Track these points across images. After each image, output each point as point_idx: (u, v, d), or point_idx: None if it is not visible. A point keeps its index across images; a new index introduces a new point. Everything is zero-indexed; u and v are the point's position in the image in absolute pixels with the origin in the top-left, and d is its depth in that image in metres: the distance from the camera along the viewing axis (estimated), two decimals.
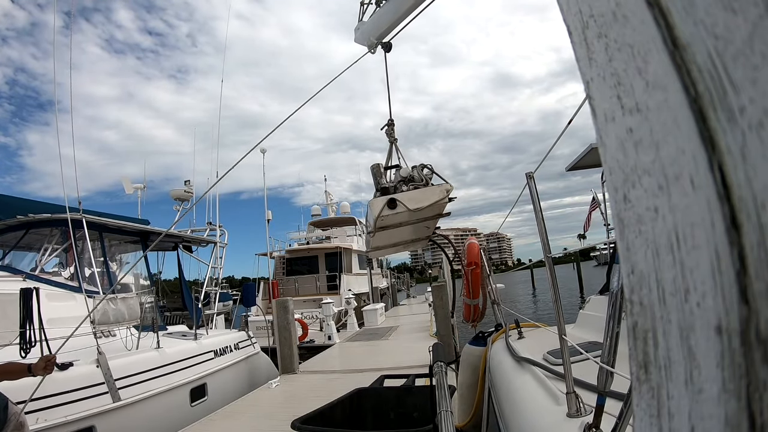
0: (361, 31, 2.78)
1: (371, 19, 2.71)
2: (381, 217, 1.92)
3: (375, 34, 2.66)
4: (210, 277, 7.62)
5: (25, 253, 5.55)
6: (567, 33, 0.31)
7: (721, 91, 0.19)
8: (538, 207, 1.50)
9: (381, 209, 1.93)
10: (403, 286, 28.39)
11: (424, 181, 2.08)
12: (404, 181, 2.09)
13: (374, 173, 2.23)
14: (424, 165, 2.17)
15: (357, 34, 2.83)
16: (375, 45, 2.70)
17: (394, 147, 2.63)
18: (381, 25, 2.66)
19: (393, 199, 1.93)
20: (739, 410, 0.18)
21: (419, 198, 1.95)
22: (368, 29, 2.70)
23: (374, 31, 2.66)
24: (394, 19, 2.60)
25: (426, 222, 2.05)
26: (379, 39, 2.69)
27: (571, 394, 1.21)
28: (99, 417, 3.44)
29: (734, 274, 0.18)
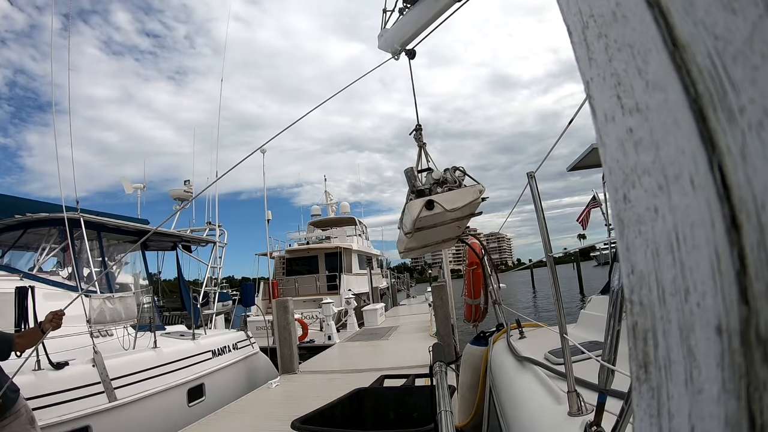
0: (384, 38, 2.82)
1: (394, 27, 2.73)
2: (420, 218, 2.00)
3: (399, 41, 2.70)
4: (209, 276, 7.61)
5: (23, 253, 5.54)
6: (567, 33, 0.31)
7: (721, 91, 0.19)
8: (539, 206, 1.50)
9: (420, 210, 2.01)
10: (403, 286, 28.39)
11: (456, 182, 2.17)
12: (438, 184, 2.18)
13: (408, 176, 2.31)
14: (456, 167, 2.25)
15: (380, 41, 2.87)
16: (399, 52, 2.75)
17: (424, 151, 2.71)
18: (404, 33, 2.70)
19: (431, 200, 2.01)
20: (739, 410, 0.18)
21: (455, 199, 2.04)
22: (392, 37, 2.74)
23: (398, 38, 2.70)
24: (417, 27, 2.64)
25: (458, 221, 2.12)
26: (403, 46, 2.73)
27: (572, 393, 1.21)
28: (95, 417, 3.43)
29: (734, 274, 0.18)
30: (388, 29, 2.79)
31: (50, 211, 4.79)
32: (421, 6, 2.53)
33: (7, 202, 5.04)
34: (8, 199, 5.24)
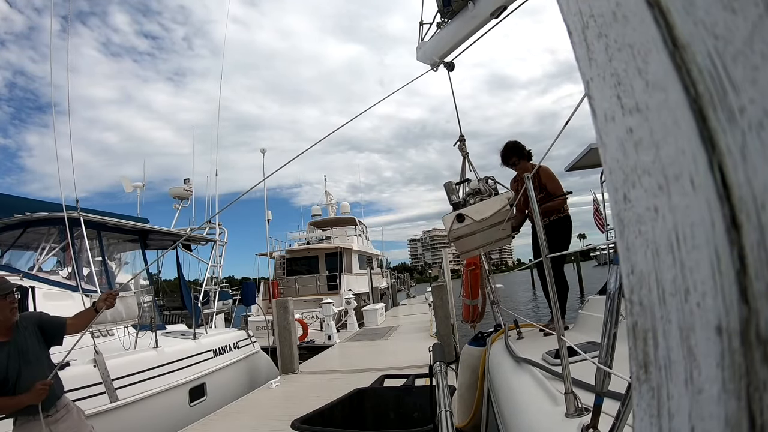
0: (422, 50, 2.90)
1: (432, 40, 2.80)
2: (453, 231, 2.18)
3: (437, 54, 2.78)
4: (210, 275, 7.62)
5: (23, 252, 5.54)
6: (567, 33, 0.31)
7: (721, 91, 0.19)
8: (536, 207, 1.50)
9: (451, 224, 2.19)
10: (403, 286, 28.40)
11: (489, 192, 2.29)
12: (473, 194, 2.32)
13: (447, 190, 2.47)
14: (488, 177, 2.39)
15: (419, 53, 2.95)
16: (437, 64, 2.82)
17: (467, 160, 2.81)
18: (443, 46, 2.77)
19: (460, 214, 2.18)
20: (739, 410, 0.18)
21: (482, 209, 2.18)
22: (430, 49, 2.81)
23: (436, 51, 2.77)
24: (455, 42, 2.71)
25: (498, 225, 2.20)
26: (441, 58, 2.80)
27: (569, 395, 1.21)
28: (96, 417, 3.43)
29: (734, 274, 0.18)
30: (426, 42, 2.87)
31: (50, 211, 4.79)
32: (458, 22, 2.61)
33: (6, 202, 5.04)
34: (8, 198, 5.24)
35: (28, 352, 2.07)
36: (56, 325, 2.24)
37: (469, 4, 2.49)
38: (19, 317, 2.12)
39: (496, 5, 2.38)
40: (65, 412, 2.19)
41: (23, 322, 2.13)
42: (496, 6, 2.39)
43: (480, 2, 2.44)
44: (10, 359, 1.99)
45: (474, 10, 2.47)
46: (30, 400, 1.99)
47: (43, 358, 2.16)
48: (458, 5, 2.55)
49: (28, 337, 2.10)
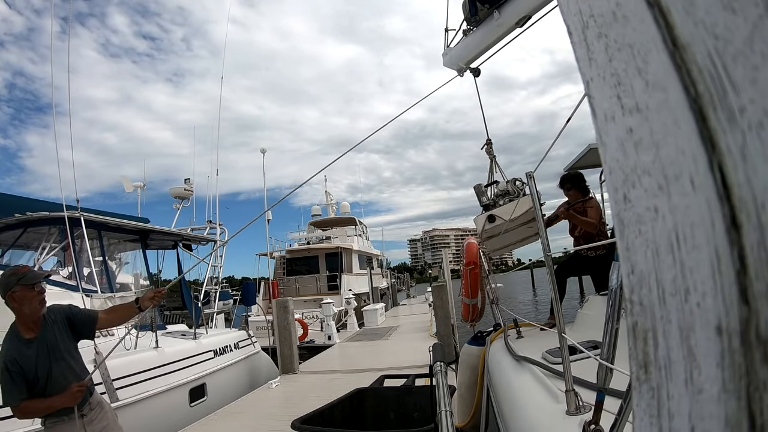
0: (449, 56, 2.97)
1: (458, 47, 2.87)
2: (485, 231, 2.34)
3: (463, 60, 2.85)
4: (210, 276, 7.62)
5: (23, 252, 5.54)
6: (567, 33, 0.31)
7: (721, 91, 0.19)
8: (538, 206, 1.50)
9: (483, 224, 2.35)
10: (403, 286, 28.40)
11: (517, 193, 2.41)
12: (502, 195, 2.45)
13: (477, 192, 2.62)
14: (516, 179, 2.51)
15: (445, 59, 3.02)
16: (464, 70, 2.90)
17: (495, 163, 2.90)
18: (469, 53, 2.84)
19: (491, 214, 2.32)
20: (739, 410, 0.18)
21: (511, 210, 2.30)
22: (456, 55, 2.89)
23: (462, 57, 2.85)
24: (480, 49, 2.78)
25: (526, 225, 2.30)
26: (467, 64, 2.88)
27: (570, 392, 1.21)
28: None
29: (734, 274, 0.18)
30: (452, 48, 2.94)
31: (50, 210, 4.79)
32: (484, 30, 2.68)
33: (6, 201, 5.04)
34: (8, 198, 5.24)
35: (58, 348, 1.90)
36: (87, 319, 2.05)
37: (494, 13, 2.56)
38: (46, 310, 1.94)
39: (521, 14, 2.45)
40: (99, 410, 2.04)
41: (51, 314, 1.94)
42: (521, 15, 2.46)
43: (505, 11, 2.51)
44: (39, 357, 1.83)
45: (500, 18, 2.54)
46: (64, 403, 1.83)
47: (73, 353, 1.99)
48: (484, 14, 2.62)
49: (57, 332, 1.92)
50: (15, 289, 1.80)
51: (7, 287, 1.81)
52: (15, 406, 1.77)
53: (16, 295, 1.80)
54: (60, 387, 1.85)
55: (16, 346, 1.82)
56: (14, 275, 1.85)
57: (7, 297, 1.81)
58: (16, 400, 1.76)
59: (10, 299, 1.81)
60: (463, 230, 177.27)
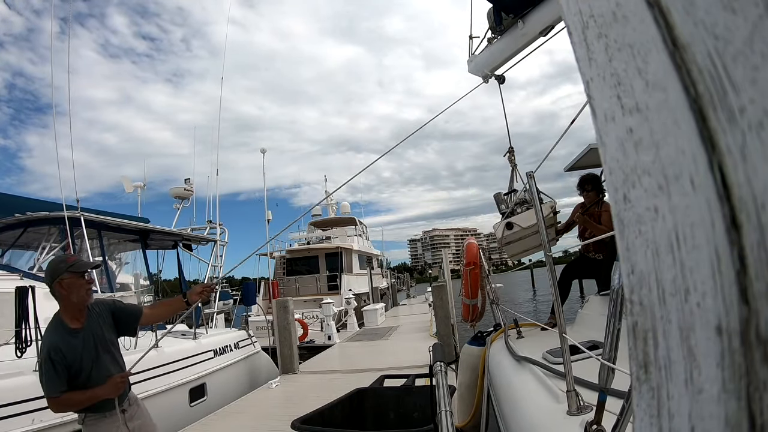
0: (474, 63, 3.06)
1: (483, 54, 2.95)
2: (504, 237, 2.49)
3: (488, 67, 2.93)
4: (210, 276, 7.62)
5: (23, 252, 5.54)
6: (567, 33, 0.31)
7: (721, 91, 0.19)
8: (538, 206, 1.50)
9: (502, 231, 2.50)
10: (403, 286, 28.40)
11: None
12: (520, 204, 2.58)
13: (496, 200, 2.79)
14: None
15: (470, 66, 3.11)
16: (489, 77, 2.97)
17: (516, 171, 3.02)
18: (494, 60, 2.92)
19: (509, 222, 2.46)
20: (739, 410, 0.18)
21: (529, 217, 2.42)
22: (481, 62, 2.98)
23: (487, 65, 2.93)
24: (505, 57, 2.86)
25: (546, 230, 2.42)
26: (492, 71, 2.95)
27: (571, 392, 1.21)
28: None
29: (734, 274, 0.18)
30: (476, 56, 3.03)
31: (50, 210, 4.79)
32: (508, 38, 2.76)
33: (6, 201, 5.04)
34: (8, 197, 5.24)
35: (104, 340, 1.86)
36: (132, 315, 2.01)
37: (519, 23, 2.64)
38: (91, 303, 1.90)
39: (545, 24, 2.53)
40: (136, 407, 2.00)
41: (96, 307, 1.91)
42: (545, 25, 2.53)
43: (529, 21, 2.59)
44: (85, 348, 1.78)
45: (524, 28, 2.62)
46: (107, 394, 1.78)
47: (117, 348, 1.95)
48: (508, 23, 2.71)
49: (102, 325, 1.88)
50: (64, 276, 1.77)
51: (57, 274, 1.77)
52: (55, 397, 1.70)
53: (65, 282, 1.77)
54: (103, 380, 1.80)
55: (60, 335, 1.76)
56: (64, 263, 1.81)
57: (55, 284, 1.77)
58: (57, 391, 1.69)
59: (59, 286, 1.77)
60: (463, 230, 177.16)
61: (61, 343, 1.73)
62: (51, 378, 1.69)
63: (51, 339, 1.75)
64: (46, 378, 1.69)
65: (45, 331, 1.85)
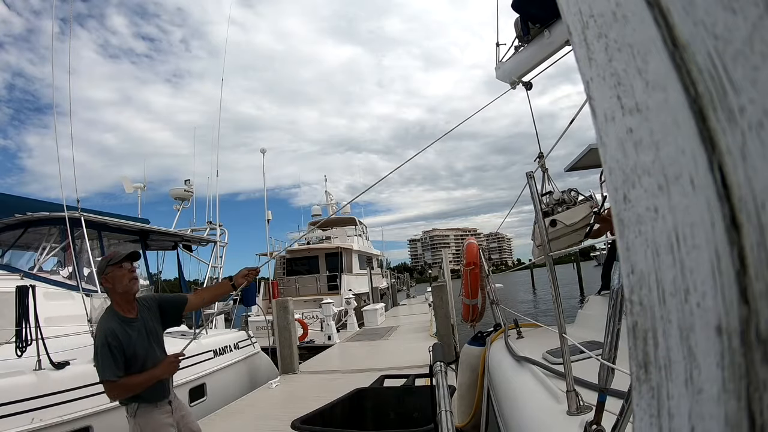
0: (501, 70, 3.18)
1: (510, 62, 3.06)
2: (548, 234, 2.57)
3: (516, 74, 3.04)
4: (210, 276, 7.62)
5: (24, 252, 5.55)
6: (567, 33, 0.31)
7: (721, 91, 0.19)
8: (538, 207, 1.50)
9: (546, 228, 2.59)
10: (403, 286, 28.39)
11: (572, 201, 2.76)
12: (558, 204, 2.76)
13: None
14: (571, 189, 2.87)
15: (498, 73, 3.23)
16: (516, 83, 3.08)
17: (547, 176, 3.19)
18: (521, 68, 3.02)
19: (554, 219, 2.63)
20: (739, 410, 0.18)
21: (572, 216, 2.61)
22: (509, 69, 3.09)
23: (515, 72, 3.04)
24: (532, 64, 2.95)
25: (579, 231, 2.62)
26: (520, 78, 3.05)
27: (571, 392, 1.21)
28: (96, 417, 3.43)
29: (734, 274, 0.18)
30: (504, 63, 3.14)
31: (50, 211, 4.79)
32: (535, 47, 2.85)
33: (7, 202, 5.04)
34: (8, 198, 5.24)
35: (155, 331, 1.99)
36: (177, 305, 2.12)
37: (545, 32, 2.73)
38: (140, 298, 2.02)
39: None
40: (178, 400, 2.08)
41: (145, 301, 2.03)
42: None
43: (555, 31, 2.69)
44: (140, 337, 1.89)
45: (550, 37, 2.71)
46: (162, 374, 1.89)
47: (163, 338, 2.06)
48: (535, 32, 2.82)
49: (151, 317, 2.00)
50: (107, 271, 1.91)
51: (101, 270, 1.94)
52: (113, 381, 1.76)
53: (108, 276, 1.91)
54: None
55: (116, 322, 1.86)
56: (104, 260, 1.99)
57: (102, 279, 1.93)
58: (115, 375, 1.76)
59: (104, 281, 1.92)
60: (463, 230, 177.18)
61: (118, 330, 1.82)
62: (108, 363, 1.76)
63: (107, 325, 1.84)
64: (103, 363, 1.76)
65: (100, 320, 1.96)
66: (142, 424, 1.84)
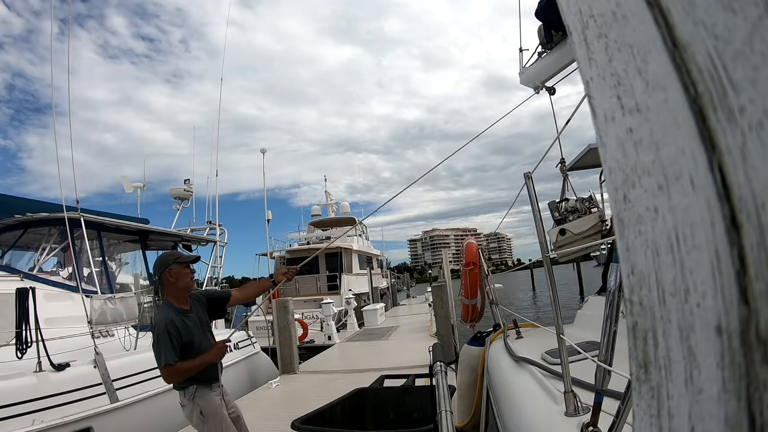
0: (525, 75, 3.26)
1: (534, 68, 3.13)
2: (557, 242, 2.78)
3: (539, 79, 3.12)
4: (210, 276, 7.61)
5: (24, 253, 5.54)
6: (567, 33, 0.31)
7: (721, 91, 0.19)
8: (536, 207, 1.50)
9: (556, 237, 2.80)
10: (403, 286, 28.39)
11: (584, 210, 2.83)
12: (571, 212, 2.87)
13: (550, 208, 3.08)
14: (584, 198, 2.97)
15: (522, 78, 3.31)
16: (540, 88, 3.16)
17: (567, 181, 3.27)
18: (545, 74, 3.08)
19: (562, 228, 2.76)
20: (739, 410, 0.18)
21: (580, 225, 2.73)
22: (532, 74, 3.17)
23: (538, 77, 3.12)
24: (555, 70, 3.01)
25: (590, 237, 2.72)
26: (543, 83, 3.13)
27: (568, 393, 1.21)
28: (97, 418, 3.43)
29: (734, 274, 0.18)
30: (528, 68, 3.21)
31: (50, 211, 4.79)
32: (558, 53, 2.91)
33: (7, 202, 5.04)
34: (8, 199, 5.24)
35: (205, 322, 2.19)
36: (221, 299, 2.35)
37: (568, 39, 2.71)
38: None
39: None
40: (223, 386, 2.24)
41: (195, 296, 2.23)
42: None
43: None
44: (195, 326, 2.09)
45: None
46: (213, 358, 2.08)
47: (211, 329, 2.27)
48: (558, 39, 2.89)
49: (202, 309, 2.21)
50: (172, 267, 2.12)
51: (166, 265, 2.13)
52: (171, 365, 1.94)
53: (173, 271, 2.12)
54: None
55: (174, 313, 2.05)
56: (171, 256, 2.21)
57: (165, 273, 2.11)
58: (173, 360, 1.94)
59: (167, 275, 2.11)
60: (463, 230, 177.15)
61: (176, 320, 2.01)
62: (168, 348, 1.94)
63: (166, 315, 2.02)
64: (163, 348, 1.94)
65: (158, 311, 2.18)
66: (202, 404, 2.02)
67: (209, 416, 2.01)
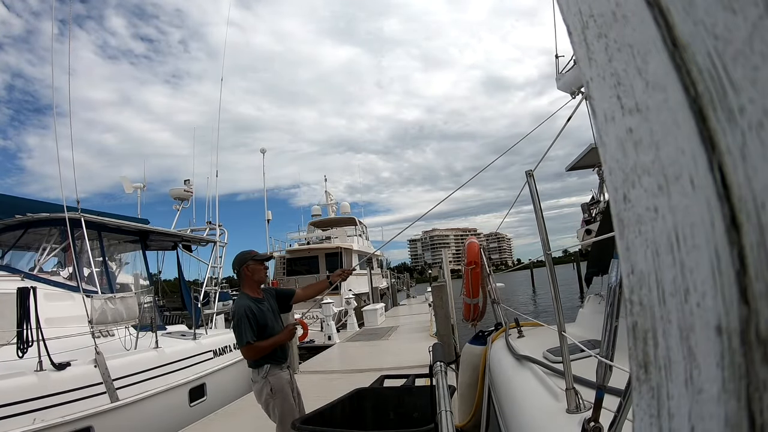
0: (562, 81, 3.41)
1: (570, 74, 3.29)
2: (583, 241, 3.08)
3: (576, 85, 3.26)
4: (210, 276, 7.62)
5: (24, 253, 5.55)
6: (567, 33, 0.31)
7: (721, 91, 0.19)
8: (537, 205, 1.50)
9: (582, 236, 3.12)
10: (403, 286, 28.39)
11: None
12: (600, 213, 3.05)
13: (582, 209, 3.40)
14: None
15: (559, 84, 3.46)
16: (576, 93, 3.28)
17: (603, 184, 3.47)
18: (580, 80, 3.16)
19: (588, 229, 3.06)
20: (739, 410, 0.18)
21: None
22: (569, 81, 3.32)
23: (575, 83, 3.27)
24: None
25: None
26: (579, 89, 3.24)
27: (570, 391, 1.21)
28: (97, 417, 3.44)
29: (734, 274, 0.18)
30: (564, 75, 3.38)
31: (51, 211, 4.79)
32: None
33: (7, 202, 5.04)
34: (9, 199, 5.24)
35: (275, 310, 2.50)
36: (287, 294, 2.66)
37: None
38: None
39: None
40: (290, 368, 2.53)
41: (266, 290, 2.57)
42: None
43: None
44: (268, 312, 2.39)
45: None
46: (284, 338, 2.39)
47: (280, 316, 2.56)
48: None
49: (272, 300, 2.52)
50: (249, 263, 2.44)
51: (244, 261, 2.45)
52: (250, 343, 2.23)
53: (250, 267, 2.44)
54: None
55: (251, 301, 2.35)
56: (249, 254, 2.51)
57: (243, 268, 2.43)
58: (252, 339, 2.24)
59: (245, 270, 2.43)
60: (463, 230, 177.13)
61: (253, 306, 2.31)
62: (247, 329, 2.23)
63: (244, 302, 2.32)
64: (243, 329, 2.23)
65: (237, 299, 2.50)
66: (273, 381, 2.30)
67: (277, 393, 2.30)
